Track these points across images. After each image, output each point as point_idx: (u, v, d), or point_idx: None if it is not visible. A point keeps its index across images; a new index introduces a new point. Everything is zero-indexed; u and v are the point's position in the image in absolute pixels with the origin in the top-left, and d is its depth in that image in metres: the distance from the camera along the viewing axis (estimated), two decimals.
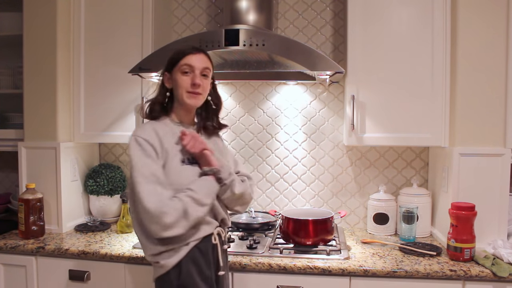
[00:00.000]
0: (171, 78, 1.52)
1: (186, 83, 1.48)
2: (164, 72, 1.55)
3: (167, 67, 1.53)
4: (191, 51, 1.50)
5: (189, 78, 1.48)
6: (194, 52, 1.50)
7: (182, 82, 1.48)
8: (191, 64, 1.48)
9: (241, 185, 1.52)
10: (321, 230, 1.88)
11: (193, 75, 1.49)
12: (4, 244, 1.94)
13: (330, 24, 2.34)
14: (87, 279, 1.88)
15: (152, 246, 1.41)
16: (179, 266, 1.41)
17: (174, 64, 1.50)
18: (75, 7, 2.19)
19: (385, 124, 1.99)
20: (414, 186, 2.18)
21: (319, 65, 1.78)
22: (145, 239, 1.43)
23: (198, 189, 1.40)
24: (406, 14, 1.97)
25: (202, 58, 1.51)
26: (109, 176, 2.35)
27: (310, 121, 2.37)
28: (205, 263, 1.45)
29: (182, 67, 1.48)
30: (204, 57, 1.52)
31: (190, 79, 1.48)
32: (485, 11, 1.85)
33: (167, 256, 1.41)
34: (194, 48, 1.53)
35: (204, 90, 1.52)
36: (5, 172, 2.64)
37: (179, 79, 1.49)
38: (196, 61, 1.49)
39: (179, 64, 1.49)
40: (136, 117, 2.15)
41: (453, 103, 1.92)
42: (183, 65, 1.48)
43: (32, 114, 2.16)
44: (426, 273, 1.65)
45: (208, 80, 1.54)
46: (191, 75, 1.49)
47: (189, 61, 1.48)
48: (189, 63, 1.48)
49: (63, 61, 2.17)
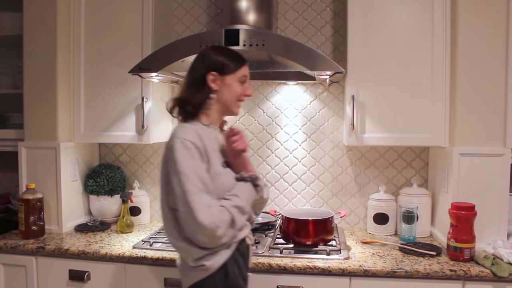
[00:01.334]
0: (220, 81, 1.48)
1: (241, 92, 1.51)
2: (210, 71, 1.47)
3: (219, 69, 1.47)
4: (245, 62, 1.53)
5: (244, 88, 1.52)
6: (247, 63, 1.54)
7: (238, 90, 1.50)
8: (247, 75, 1.53)
9: (267, 190, 1.56)
10: (321, 230, 1.88)
11: (246, 85, 1.53)
12: (4, 244, 1.94)
13: (330, 24, 2.34)
14: (87, 279, 1.88)
15: (196, 250, 1.35)
16: (225, 267, 1.38)
17: (232, 70, 1.48)
18: (75, 7, 2.19)
19: (385, 124, 1.99)
20: (414, 186, 2.18)
21: (319, 65, 1.78)
22: (187, 245, 1.37)
23: (242, 196, 1.41)
24: (406, 14, 1.97)
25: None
26: (109, 176, 2.35)
27: (310, 121, 2.37)
28: (244, 264, 1.46)
29: (242, 77, 1.50)
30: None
31: (245, 89, 1.52)
32: (485, 11, 1.85)
33: (211, 258, 1.36)
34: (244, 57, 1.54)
35: None
36: (5, 172, 2.64)
37: (235, 86, 1.49)
38: (248, 70, 1.54)
39: (239, 72, 1.49)
40: (136, 117, 2.15)
41: (453, 103, 1.92)
42: (242, 75, 1.51)
43: (32, 114, 2.16)
44: (426, 273, 1.65)
45: None
46: (246, 85, 1.53)
47: (246, 72, 1.53)
48: (247, 74, 1.53)
49: (63, 61, 2.17)
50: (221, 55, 1.49)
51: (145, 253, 1.84)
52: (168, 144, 1.39)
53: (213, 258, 1.36)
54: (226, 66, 1.48)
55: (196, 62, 1.51)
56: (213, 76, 1.47)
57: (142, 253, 1.84)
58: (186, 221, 1.32)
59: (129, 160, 2.53)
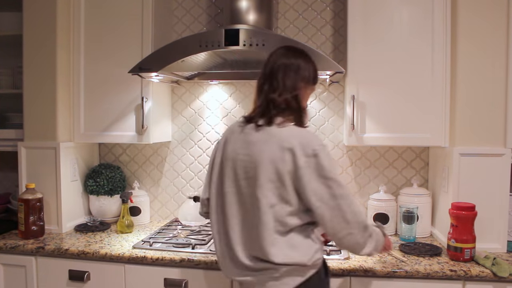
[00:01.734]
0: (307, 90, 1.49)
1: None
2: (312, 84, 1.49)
3: (313, 79, 1.49)
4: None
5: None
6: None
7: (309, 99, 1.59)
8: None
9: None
10: None
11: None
12: (4, 244, 1.94)
13: (330, 24, 2.34)
14: (87, 279, 1.88)
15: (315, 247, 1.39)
16: (324, 262, 1.46)
17: (315, 82, 1.50)
18: (75, 7, 2.19)
19: (385, 124, 1.99)
20: (414, 186, 2.17)
21: (319, 65, 1.75)
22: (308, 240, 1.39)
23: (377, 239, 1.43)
24: (406, 14, 1.97)
25: None
26: (109, 176, 2.34)
27: (310, 121, 2.36)
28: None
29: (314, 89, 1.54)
30: None
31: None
32: (485, 11, 1.85)
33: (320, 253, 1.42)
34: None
35: None
36: (5, 172, 2.64)
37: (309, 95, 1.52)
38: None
39: (315, 84, 1.51)
40: (136, 117, 2.15)
41: (453, 103, 1.92)
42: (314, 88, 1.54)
43: (32, 114, 2.16)
44: (426, 273, 1.65)
45: None
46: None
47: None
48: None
49: (63, 61, 2.17)
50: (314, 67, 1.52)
51: (145, 253, 1.84)
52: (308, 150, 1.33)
53: (320, 252, 1.41)
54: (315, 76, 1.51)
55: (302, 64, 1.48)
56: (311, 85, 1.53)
57: (142, 253, 1.84)
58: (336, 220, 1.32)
59: (129, 160, 2.53)
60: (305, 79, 1.44)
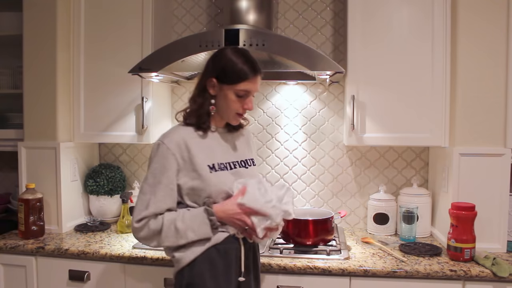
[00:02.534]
0: (219, 88, 1.45)
1: (238, 106, 1.46)
2: (211, 77, 1.45)
3: (219, 76, 1.44)
4: (253, 74, 1.43)
5: (242, 101, 1.45)
6: (255, 76, 1.44)
7: (234, 104, 1.45)
8: (249, 90, 1.45)
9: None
10: (321, 230, 1.88)
11: (248, 100, 1.46)
12: (4, 244, 1.94)
13: (330, 24, 2.34)
14: (87, 279, 1.88)
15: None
16: (193, 264, 1.39)
17: (231, 81, 1.43)
18: (75, 7, 2.19)
19: (385, 124, 1.99)
20: (414, 186, 2.17)
21: (319, 65, 1.78)
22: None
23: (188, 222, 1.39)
24: (406, 14, 1.97)
25: (259, 81, 1.47)
26: (109, 176, 2.34)
27: (310, 121, 2.37)
28: (224, 267, 1.41)
29: (239, 92, 1.43)
30: (259, 78, 1.48)
31: (243, 103, 1.46)
32: (485, 11, 1.85)
33: (182, 251, 1.41)
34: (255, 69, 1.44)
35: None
36: (5, 172, 2.64)
37: (231, 99, 1.44)
38: (254, 86, 1.45)
39: (237, 86, 1.42)
40: (136, 117, 2.15)
41: (453, 103, 1.92)
42: (241, 90, 1.43)
43: (32, 114, 2.16)
44: (426, 273, 1.65)
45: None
46: (245, 99, 1.46)
47: (248, 87, 1.44)
48: (248, 89, 1.44)
49: (63, 61, 2.17)
50: (230, 61, 1.43)
51: (145, 253, 1.84)
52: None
53: (183, 252, 1.41)
54: (226, 75, 1.43)
55: (209, 62, 1.49)
56: (213, 83, 1.45)
57: (142, 253, 1.84)
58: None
59: (129, 160, 2.53)
60: (199, 77, 1.49)
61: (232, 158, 1.52)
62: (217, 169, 1.45)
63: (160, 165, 1.41)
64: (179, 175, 1.42)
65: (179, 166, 1.42)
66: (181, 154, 1.42)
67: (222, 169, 1.47)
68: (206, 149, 1.46)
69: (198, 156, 1.43)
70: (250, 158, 1.60)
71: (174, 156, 1.41)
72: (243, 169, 1.53)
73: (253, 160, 1.61)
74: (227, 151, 1.53)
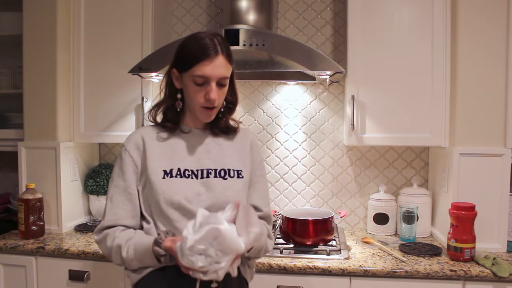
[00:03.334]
0: (180, 78, 1.27)
1: (200, 97, 1.23)
2: (172, 68, 1.28)
3: (176, 64, 1.27)
4: (206, 55, 1.20)
5: (203, 91, 1.23)
6: (211, 57, 1.20)
7: (195, 95, 1.24)
8: (205, 76, 1.21)
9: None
10: (321, 230, 1.88)
11: (208, 88, 1.22)
12: (4, 244, 1.94)
13: (330, 24, 2.34)
14: (87, 279, 1.88)
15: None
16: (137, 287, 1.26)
17: (185, 67, 1.23)
18: (75, 7, 2.19)
19: (385, 124, 1.99)
20: (414, 186, 2.17)
21: (319, 65, 1.78)
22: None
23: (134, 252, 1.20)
24: (406, 14, 1.97)
25: (220, 64, 1.22)
26: (109, 176, 2.34)
27: (310, 121, 2.37)
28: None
29: (196, 79, 1.22)
30: (222, 60, 1.22)
31: (204, 93, 1.23)
32: (485, 10, 1.85)
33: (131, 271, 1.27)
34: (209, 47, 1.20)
35: (219, 102, 1.27)
36: (5, 172, 2.64)
37: (191, 89, 1.24)
38: (212, 70, 1.20)
39: (191, 71, 1.21)
40: (136, 117, 2.15)
41: (453, 103, 1.92)
42: (196, 76, 1.21)
43: (32, 114, 2.16)
44: (426, 273, 1.65)
45: (225, 88, 1.28)
46: (205, 87, 1.23)
47: (203, 72, 1.20)
48: (204, 75, 1.20)
49: (63, 61, 2.17)
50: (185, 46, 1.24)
51: None
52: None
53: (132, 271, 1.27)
54: (181, 61, 1.24)
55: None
56: (175, 74, 1.28)
57: None
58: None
59: None
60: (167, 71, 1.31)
61: (206, 165, 1.30)
62: (175, 175, 1.25)
63: (118, 168, 1.31)
64: (140, 180, 1.29)
65: (137, 169, 1.29)
66: (139, 156, 1.29)
67: (186, 176, 1.26)
68: (167, 152, 1.29)
69: (154, 158, 1.27)
70: (236, 169, 1.32)
71: (131, 158, 1.29)
72: (219, 179, 1.28)
73: (239, 171, 1.32)
74: (199, 156, 1.31)
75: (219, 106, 1.30)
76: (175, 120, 1.33)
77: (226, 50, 1.25)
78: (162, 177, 1.25)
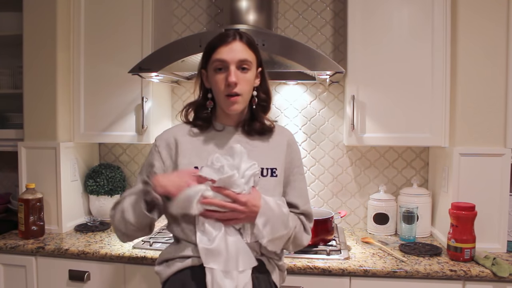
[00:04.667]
0: (207, 76, 1.30)
1: (221, 84, 1.24)
2: (201, 69, 1.32)
3: (202, 62, 1.31)
4: (223, 41, 1.23)
5: (224, 77, 1.23)
6: (227, 42, 1.22)
7: (217, 83, 1.25)
8: (223, 59, 1.22)
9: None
10: (321, 230, 1.88)
11: (227, 72, 1.22)
12: (4, 244, 1.94)
13: (330, 24, 2.34)
14: (87, 279, 1.88)
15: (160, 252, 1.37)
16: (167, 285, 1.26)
17: (207, 60, 1.27)
18: (75, 7, 2.19)
19: (385, 124, 1.99)
20: (414, 186, 2.17)
21: (319, 65, 1.78)
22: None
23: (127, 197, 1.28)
24: (406, 14, 1.97)
25: (238, 48, 1.23)
26: (109, 176, 2.35)
27: (310, 121, 2.37)
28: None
29: (214, 64, 1.24)
30: (241, 45, 1.24)
31: (225, 79, 1.23)
32: (485, 10, 1.85)
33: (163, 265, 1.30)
34: (227, 35, 1.24)
35: (243, 89, 1.25)
36: (5, 172, 2.64)
37: (213, 79, 1.26)
38: (229, 53, 1.22)
39: (211, 60, 1.25)
40: (136, 117, 2.15)
41: (453, 103, 1.92)
42: (214, 61, 1.24)
43: (32, 114, 2.16)
44: (426, 273, 1.65)
45: (251, 73, 1.26)
46: (225, 72, 1.23)
47: (220, 55, 1.22)
48: (221, 58, 1.22)
49: (63, 61, 2.17)
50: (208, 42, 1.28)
51: (145, 253, 1.84)
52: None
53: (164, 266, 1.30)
54: (204, 57, 1.28)
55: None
56: (204, 74, 1.32)
57: (142, 253, 1.84)
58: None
59: (129, 160, 2.53)
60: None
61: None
62: None
63: (147, 162, 1.36)
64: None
65: (165, 167, 1.30)
66: (169, 153, 1.31)
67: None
68: (199, 149, 1.30)
69: (185, 155, 1.28)
70: (269, 167, 1.31)
71: (159, 154, 1.32)
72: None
73: (273, 170, 1.31)
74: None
75: (244, 94, 1.26)
76: (206, 119, 1.33)
77: (247, 38, 1.27)
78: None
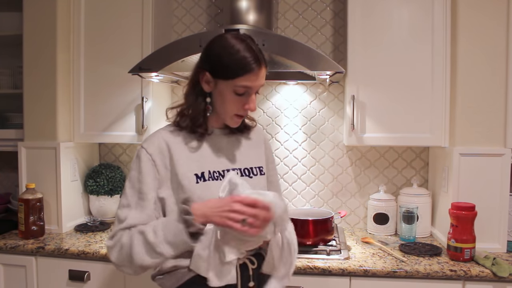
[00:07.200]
0: (214, 83, 1.21)
1: (238, 106, 1.21)
2: (204, 70, 1.21)
3: (213, 69, 1.19)
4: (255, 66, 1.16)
5: (243, 99, 1.21)
6: (258, 68, 1.17)
7: (232, 105, 1.21)
8: (250, 86, 1.19)
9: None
10: (321, 230, 1.88)
11: (249, 99, 1.21)
12: (4, 244, 1.94)
13: (330, 24, 2.34)
14: (87, 279, 1.88)
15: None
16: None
17: (227, 76, 1.17)
18: (75, 7, 2.19)
19: (385, 124, 1.99)
20: (414, 186, 2.18)
21: (319, 65, 1.78)
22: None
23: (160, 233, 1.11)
24: (406, 14, 1.97)
25: (263, 74, 1.20)
26: (109, 176, 2.35)
27: (310, 121, 2.37)
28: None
29: (238, 89, 1.18)
30: (264, 71, 1.21)
31: (243, 102, 1.21)
32: (485, 11, 1.85)
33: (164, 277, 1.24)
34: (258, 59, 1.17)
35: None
36: (5, 172, 2.64)
37: (229, 98, 1.20)
38: (257, 81, 1.19)
39: (236, 82, 1.17)
40: (136, 117, 2.15)
41: (453, 103, 1.92)
42: (241, 86, 1.18)
43: (32, 114, 2.16)
44: (426, 273, 1.65)
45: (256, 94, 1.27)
46: (245, 96, 1.21)
47: (249, 83, 1.17)
48: (249, 85, 1.18)
49: (63, 61, 2.17)
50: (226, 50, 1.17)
51: None
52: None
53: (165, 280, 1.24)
54: (222, 68, 1.17)
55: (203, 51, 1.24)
56: (207, 77, 1.21)
57: None
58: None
59: (129, 160, 2.53)
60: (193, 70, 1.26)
61: (231, 165, 1.29)
62: (207, 178, 1.22)
63: (137, 172, 1.22)
64: (163, 187, 1.22)
65: (160, 176, 1.21)
66: (162, 161, 1.22)
67: (216, 178, 1.23)
68: (195, 155, 1.24)
69: (183, 163, 1.22)
70: (257, 166, 1.34)
71: (152, 162, 1.22)
72: (246, 178, 1.28)
73: (261, 168, 1.34)
74: (225, 157, 1.29)
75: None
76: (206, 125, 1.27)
77: (263, 58, 1.22)
78: (196, 182, 1.21)
